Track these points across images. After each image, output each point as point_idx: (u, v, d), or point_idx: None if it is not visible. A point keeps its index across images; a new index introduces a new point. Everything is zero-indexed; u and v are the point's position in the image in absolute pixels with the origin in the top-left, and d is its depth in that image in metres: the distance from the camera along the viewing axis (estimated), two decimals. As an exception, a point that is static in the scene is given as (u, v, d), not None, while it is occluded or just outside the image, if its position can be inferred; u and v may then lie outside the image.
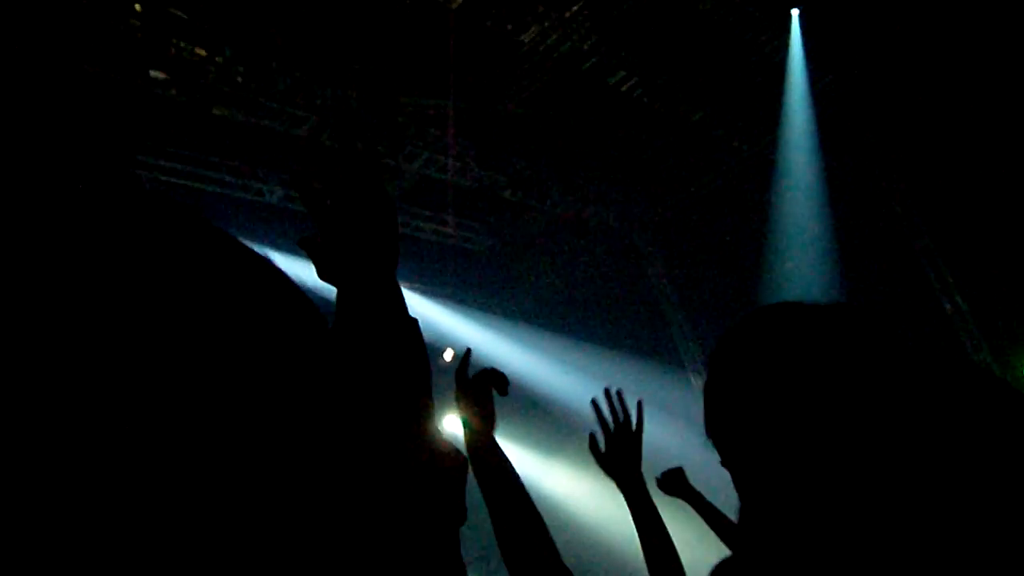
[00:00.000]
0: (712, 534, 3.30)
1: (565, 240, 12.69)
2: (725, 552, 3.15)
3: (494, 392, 2.16)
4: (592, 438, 2.67)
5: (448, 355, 12.46)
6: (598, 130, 10.87)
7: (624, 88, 10.14)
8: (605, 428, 2.58)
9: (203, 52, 8.23)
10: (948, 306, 10.84)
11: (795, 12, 10.11)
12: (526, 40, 9.34)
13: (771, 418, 1.04)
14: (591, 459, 2.47)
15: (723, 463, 1.12)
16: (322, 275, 1.23)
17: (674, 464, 3.54)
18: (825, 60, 10.52)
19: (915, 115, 10.58)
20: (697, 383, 12.54)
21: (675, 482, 3.45)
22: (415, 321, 1.22)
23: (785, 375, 1.05)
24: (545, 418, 12.43)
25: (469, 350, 2.20)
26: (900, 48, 10.12)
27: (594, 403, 2.63)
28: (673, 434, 11.51)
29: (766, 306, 1.16)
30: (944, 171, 10.45)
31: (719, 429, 1.11)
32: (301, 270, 1.23)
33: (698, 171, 12.15)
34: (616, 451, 2.59)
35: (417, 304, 12.32)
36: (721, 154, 11.85)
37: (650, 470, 2.91)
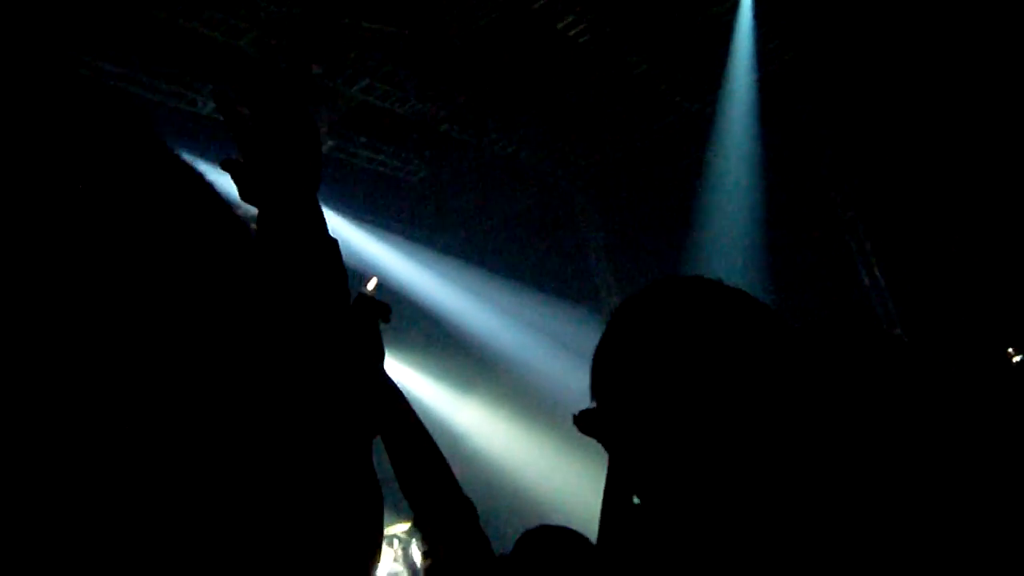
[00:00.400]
0: None
1: (498, 179, 12.67)
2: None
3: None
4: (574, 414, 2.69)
5: (372, 284, 12.39)
6: (541, 73, 10.80)
7: (572, 33, 10.08)
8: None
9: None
10: (866, 279, 11.11)
11: (748, -27, 10.14)
12: (478, -27, 9.22)
13: (652, 391, 1.09)
14: (504, 397, 2.49)
15: (600, 421, 1.17)
16: (244, 196, 1.22)
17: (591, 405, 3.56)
18: (773, 25, 10.58)
19: (854, 91, 10.73)
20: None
21: (591, 422, 3.48)
22: (335, 242, 1.22)
23: (667, 353, 1.11)
24: (462, 353, 12.50)
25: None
26: (846, 24, 10.23)
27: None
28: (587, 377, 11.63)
29: (662, 280, 1.21)
30: (876, 148, 10.65)
31: (604, 392, 1.16)
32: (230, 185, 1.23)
33: (638, 124, 12.18)
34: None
35: (345, 230, 12.21)
36: (662, 109, 11.89)
37: (565, 410, 2.93)
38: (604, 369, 1.16)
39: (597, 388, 1.17)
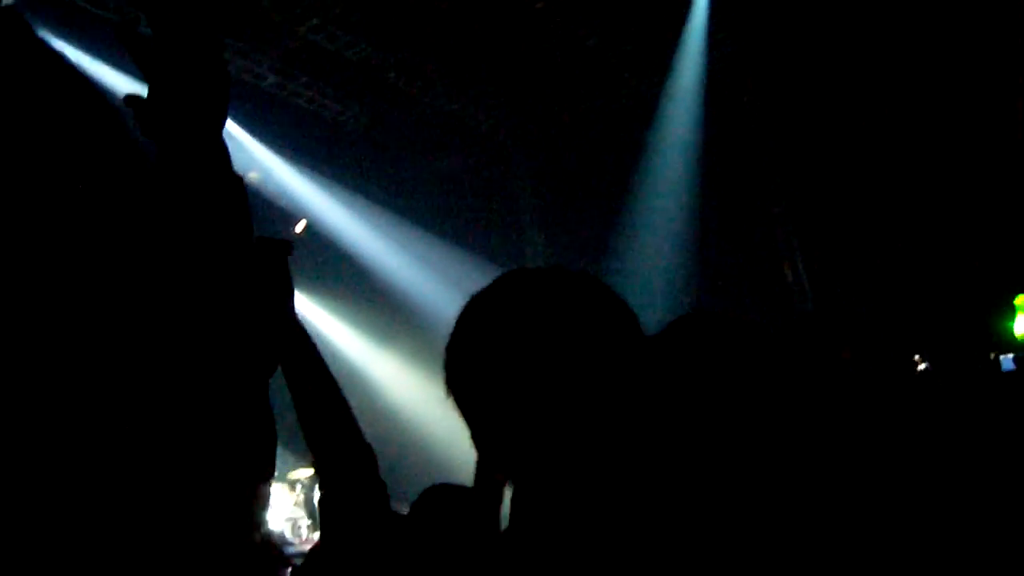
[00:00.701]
0: None
1: (438, 135, 12.59)
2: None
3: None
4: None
5: (300, 225, 12.28)
6: (494, 34, 10.74)
7: (528, -2, 10.03)
8: None
9: None
10: (789, 276, 11.34)
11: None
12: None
13: (497, 385, 1.16)
14: (421, 353, 2.50)
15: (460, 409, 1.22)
16: (145, 132, 1.19)
17: None
18: (725, 15, 10.66)
19: (796, 90, 10.88)
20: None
21: None
22: (240, 179, 1.21)
23: (512, 345, 1.16)
24: (383, 306, 12.46)
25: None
26: (792, 23, 10.35)
27: None
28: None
29: (509, 273, 1.26)
30: (812, 148, 10.83)
31: (456, 386, 1.21)
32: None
33: (584, 97, 12.20)
34: None
35: (279, 169, 12.05)
36: (609, 85, 11.91)
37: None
38: (454, 364, 1.22)
39: (450, 382, 1.22)
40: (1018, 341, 8.90)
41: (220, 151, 1.19)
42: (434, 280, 12.36)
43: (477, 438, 1.19)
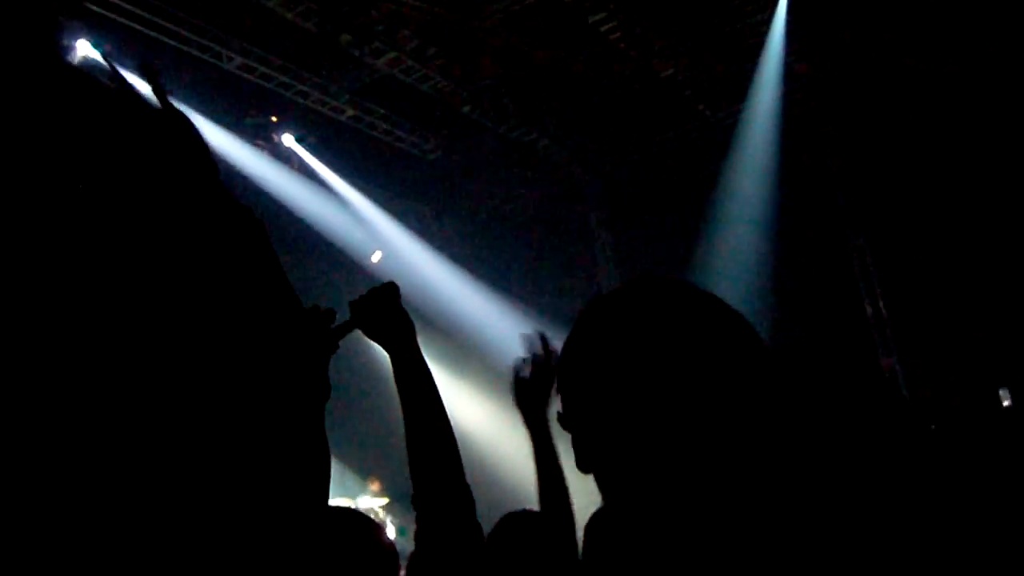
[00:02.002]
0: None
1: (512, 167, 12.64)
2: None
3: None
4: (515, 373, 2.71)
5: (376, 256, 12.41)
6: (568, 65, 10.77)
7: (603, 29, 10.03)
8: (523, 369, 2.66)
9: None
10: (869, 309, 11.11)
11: (785, -9, 10.10)
12: (515, -42, 9.20)
13: (614, 390, 1.13)
14: (491, 386, 2.51)
15: (566, 423, 1.20)
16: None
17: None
18: (804, 46, 10.55)
19: (876, 122, 10.72)
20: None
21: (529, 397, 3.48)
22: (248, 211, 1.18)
23: (632, 352, 1.14)
24: (455, 337, 12.50)
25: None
26: (872, 50, 10.20)
27: (522, 338, 2.72)
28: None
29: (634, 280, 1.24)
30: (893, 180, 10.63)
31: (569, 387, 1.18)
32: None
33: (658, 127, 12.16)
34: (529, 389, 2.65)
35: (356, 200, 12.21)
36: (684, 115, 11.86)
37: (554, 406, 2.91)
38: (570, 366, 1.19)
39: (563, 383, 1.20)
40: None
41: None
42: (502, 312, 12.38)
43: (579, 442, 1.17)
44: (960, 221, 9.91)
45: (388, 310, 2.06)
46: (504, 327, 12.11)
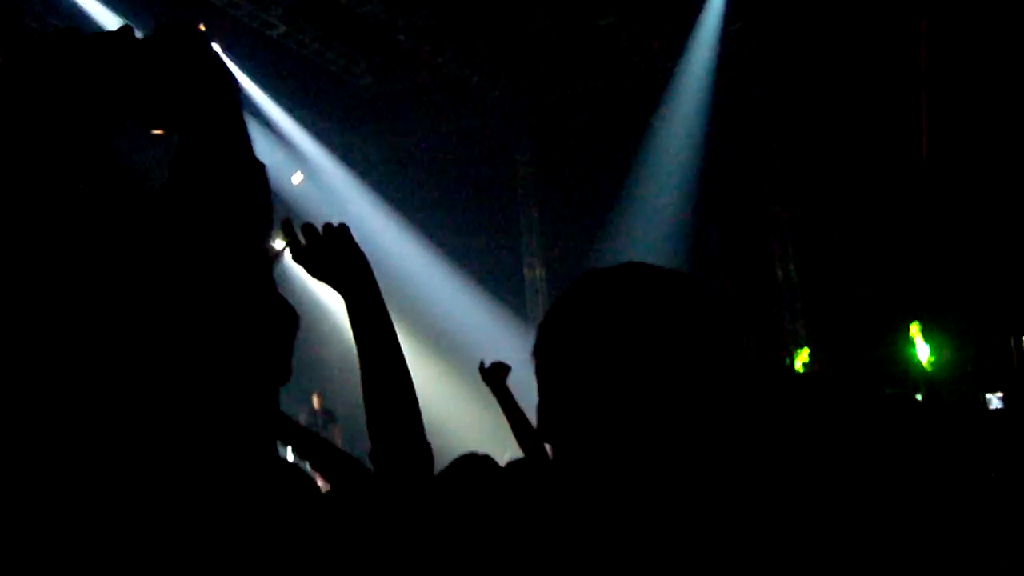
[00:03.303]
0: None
1: (443, 102, 12.50)
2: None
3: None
4: (481, 362, 3.73)
5: (297, 178, 12.21)
6: (508, 5, 10.65)
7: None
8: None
9: None
10: (780, 273, 11.36)
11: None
12: None
13: (592, 363, 1.18)
14: (410, 320, 2.48)
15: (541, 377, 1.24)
16: (156, 124, 1.15)
17: (502, 360, 3.79)
18: (741, 5, 10.60)
19: (806, 93, 10.85)
20: (530, 274, 12.77)
21: (494, 375, 3.69)
22: (262, 166, 1.18)
23: (613, 327, 1.19)
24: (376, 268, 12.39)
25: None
26: (807, 21, 10.30)
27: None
28: (501, 325, 11.74)
29: (634, 264, 1.27)
30: (817, 152, 10.80)
31: (548, 360, 1.22)
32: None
33: (593, 74, 12.11)
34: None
35: (280, 119, 11.96)
36: (619, 65, 11.83)
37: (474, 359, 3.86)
38: (553, 328, 1.22)
39: (543, 343, 1.25)
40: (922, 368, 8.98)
41: (241, 136, 1.17)
42: (425, 245, 12.33)
43: (546, 403, 1.20)
44: (880, 192, 10.13)
45: (344, 252, 1.96)
46: (422, 259, 12.07)
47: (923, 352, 9.02)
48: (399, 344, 1.89)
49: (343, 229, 2.02)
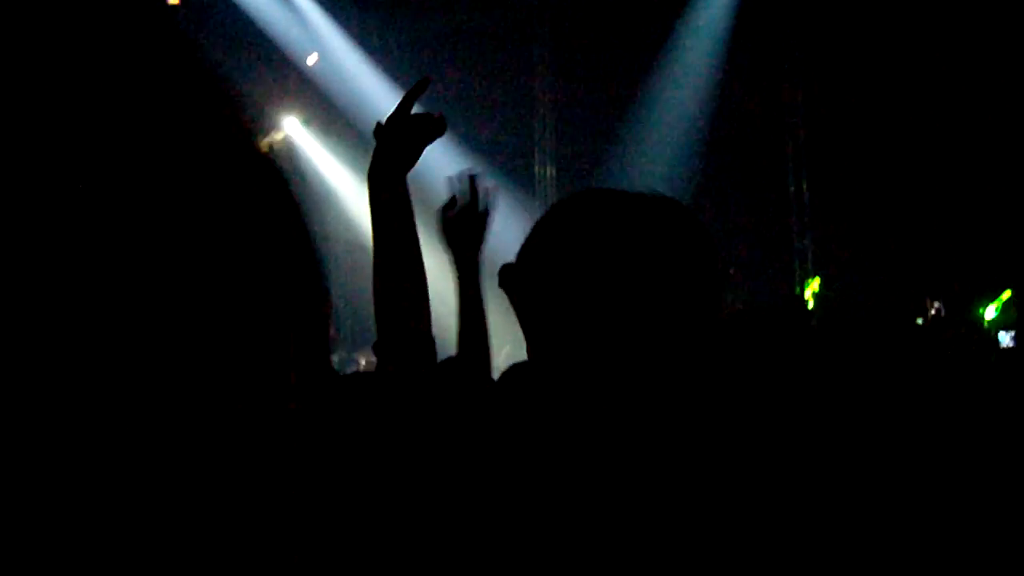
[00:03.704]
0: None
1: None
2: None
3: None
4: (440, 212, 2.56)
5: (312, 59, 12.05)
6: None
7: None
8: (452, 206, 2.52)
9: None
10: (792, 187, 11.29)
11: None
12: None
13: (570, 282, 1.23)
14: (424, 216, 2.34)
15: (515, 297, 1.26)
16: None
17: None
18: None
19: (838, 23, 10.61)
20: (541, 171, 12.69)
21: (509, 278, 3.44)
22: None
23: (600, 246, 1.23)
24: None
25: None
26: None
27: (450, 180, 2.57)
28: (508, 220, 11.70)
29: (637, 193, 1.29)
30: (839, 66, 10.62)
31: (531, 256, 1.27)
32: None
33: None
34: (458, 230, 2.52)
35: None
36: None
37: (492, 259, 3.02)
38: (540, 240, 1.26)
39: (531, 254, 1.27)
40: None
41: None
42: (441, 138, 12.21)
43: (528, 303, 1.22)
44: (904, 116, 10.03)
45: (418, 138, 1.98)
46: (438, 153, 11.99)
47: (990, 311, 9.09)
48: (417, 236, 1.86)
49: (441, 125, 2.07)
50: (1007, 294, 9.01)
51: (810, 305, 9.02)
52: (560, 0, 12.63)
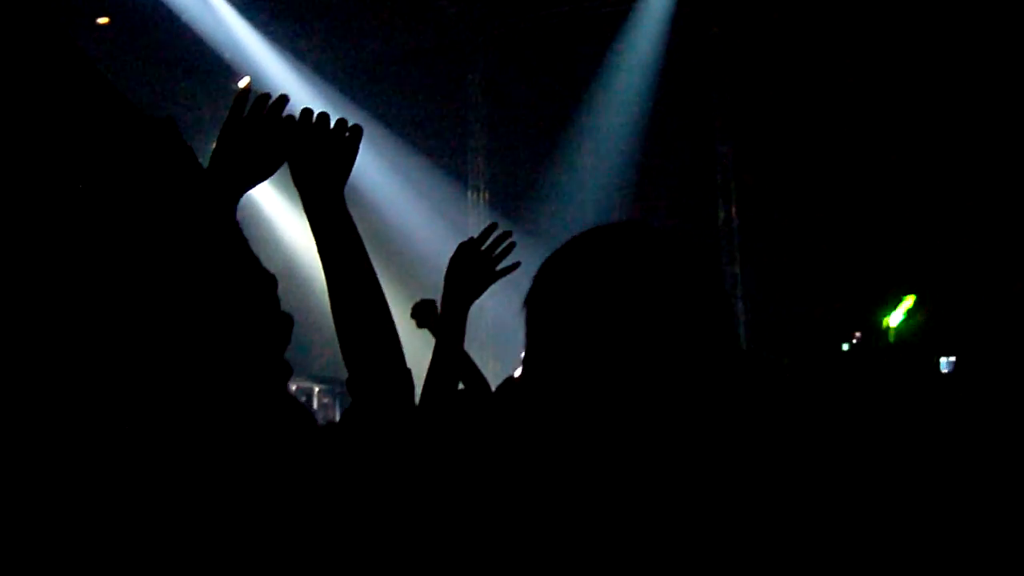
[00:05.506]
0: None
1: (401, 15, 12.25)
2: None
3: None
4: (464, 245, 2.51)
5: (244, 82, 11.95)
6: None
7: None
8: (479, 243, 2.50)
9: None
10: (721, 214, 11.46)
11: None
12: None
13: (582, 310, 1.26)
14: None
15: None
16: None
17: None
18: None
19: (764, 32, 10.86)
20: (474, 196, 12.71)
21: (425, 313, 3.16)
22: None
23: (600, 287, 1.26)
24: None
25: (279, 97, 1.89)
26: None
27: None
28: (440, 243, 11.73)
29: (609, 226, 1.36)
30: (769, 92, 10.85)
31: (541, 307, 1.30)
32: None
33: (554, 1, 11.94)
34: (470, 269, 2.45)
35: (231, 20, 11.66)
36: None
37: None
38: (549, 280, 1.30)
39: (538, 293, 1.31)
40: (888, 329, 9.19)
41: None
42: (372, 154, 12.19)
43: (535, 351, 1.27)
44: (826, 142, 10.24)
45: (339, 149, 1.79)
46: (368, 170, 11.94)
47: (895, 318, 9.18)
48: (370, 262, 1.72)
49: (356, 133, 1.86)
50: (911, 299, 9.17)
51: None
52: (495, 28, 12.72)
